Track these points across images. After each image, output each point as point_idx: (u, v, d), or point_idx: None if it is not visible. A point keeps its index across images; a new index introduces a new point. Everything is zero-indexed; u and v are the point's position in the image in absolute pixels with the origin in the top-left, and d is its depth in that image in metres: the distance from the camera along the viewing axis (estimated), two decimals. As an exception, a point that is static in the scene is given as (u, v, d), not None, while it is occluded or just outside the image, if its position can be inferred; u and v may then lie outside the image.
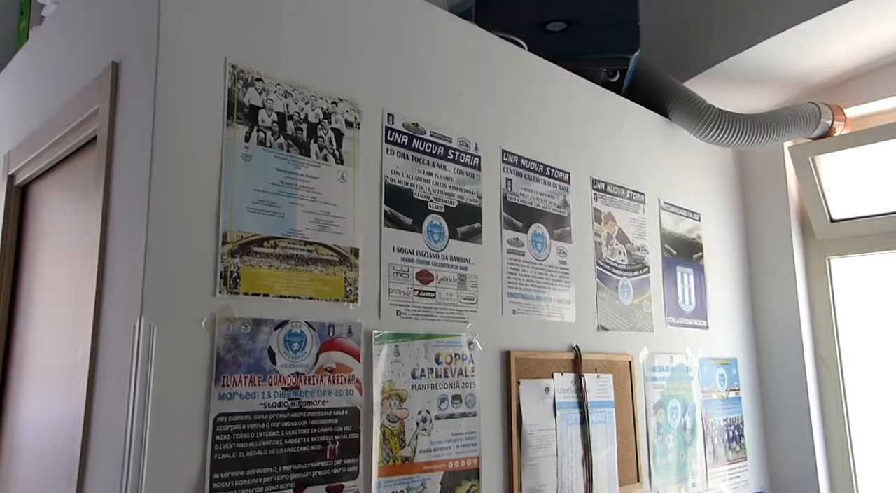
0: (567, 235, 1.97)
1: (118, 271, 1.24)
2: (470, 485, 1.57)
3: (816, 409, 2.55)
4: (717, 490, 2.31)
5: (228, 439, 1.18)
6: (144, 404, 1.10)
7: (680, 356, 2.28)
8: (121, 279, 1.22)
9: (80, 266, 1.42)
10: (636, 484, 2.01)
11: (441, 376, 1.56)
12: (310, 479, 1.28)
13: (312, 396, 1.31)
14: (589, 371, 1.92)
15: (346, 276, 1.42)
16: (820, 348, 2.59)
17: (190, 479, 1.13)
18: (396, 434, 1.45)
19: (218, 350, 1.19)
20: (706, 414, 2.33)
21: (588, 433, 1.86)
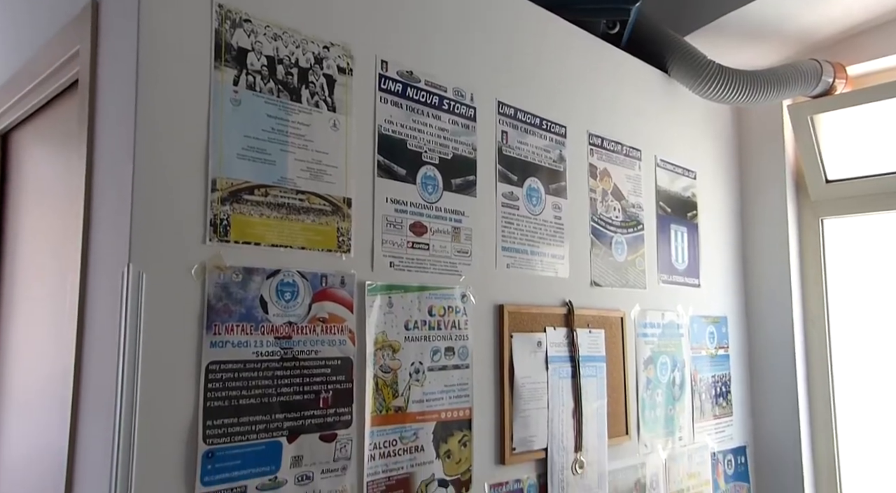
0: (562, 191, 1.95)
1: (104, 219, 1.21)
2: (462, 435, 1.58)
3: (802, 368, 2.58)
4: (703, 444, 2.35)
5: (221, 387, 1.17)
6: (135, 352, 1.09)
7: (671, 314, 2.29)
8: (107, 226, 1.19)
9: (66, 214, 1.39)
10: (625, 437, 2.04)
11: (434, 329, 1.56)
12: (303, 427, 1.28)
13: (305, 345, 1.30)
14: (581, 326, 1.93)
15: (338, 226, 1.39)
16: (809, 308, 2.61)
17: (183, 426, 1.13)
18: (389, 385, 1.45)
19: (209, 298, 1.17)
20: (695, 370, 2.35)
21: (579, 386, 1.88)
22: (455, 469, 1.56)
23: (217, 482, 1.15)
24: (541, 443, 1.76)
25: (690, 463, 2.28)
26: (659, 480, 2.14)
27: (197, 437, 1.14)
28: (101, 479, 1.09)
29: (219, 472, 1.15)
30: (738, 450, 2.52)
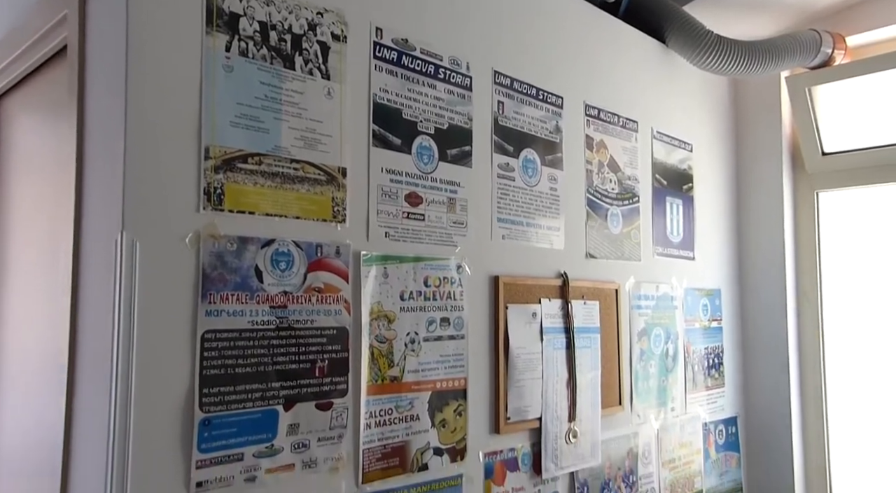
0: (558, 162, 1.94)
1: (97, 186, 1.20)
2: (457, 404, 1.60)
3: (794, 340, 2.60)
4: (695, 414, 2.38)
5: (217, 355, 1.17)
6: (130, 320, 1.08)
7: (665, 286, 2.29)
8: (100, 195, 1.18)
9: (57, 183, 1.37)
10: (618, 407, 2.06)
11: (429, 299, 1.56)
12: (299, 395, 1.28)
13: (300, 315, 1.30)
14: (576, 298, 1.93)
15: (333, 196, 1.39)
16: (802, 281, 2.63)
17: (179, 394, 1.13)
18: (385, 354, 1.46)
19: (203, 267, 1.17)
20: (688, 342, 2.37)
21: (573, 357, 1.89)
22: (450, 438, 1.58)
23: (214, 449, 1.16)
24: (535, 413, 1.78)
25: (682, 433, 2.31)
26: (651, 449, 2.17)
27: (193, 405, 1.14)
28: (99, 447, 1.09)
29: (215, 439, 1.16)
30: (729, 421, 2.56)
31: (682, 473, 2.29)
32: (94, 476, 1.10)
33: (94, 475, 1.10)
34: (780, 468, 2.54)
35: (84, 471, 1.16)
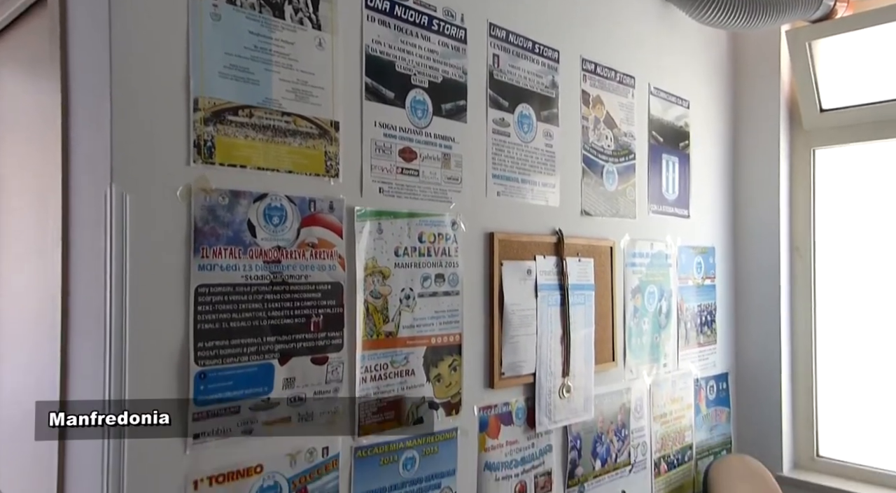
0: (554, 118, 1.91)
1: (83, 139, 1.17)
2: (452, 359, 1.61)
3: (786, 297, 2.62)
4: (687, 371, 2.41)
5: (210, 309, 1.17)
6: (122, 274, 1.08)
7: (660, 244, 2.29)
8: (87, 148, 1.16)
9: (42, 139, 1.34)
10: (611, 363, 2.08)
11: (424, 255, 1.55)
12: (294, 350, 1.29)
13: (294, 270, 1.29)
14: (571, 255, 1.93)
15: (326, 150, 1.36)
16: (796, 238, 2.63)
17: (174, 348, 1.13)
18: (380, 310, 1.46)
19: (195, 221, 1.15)
20: (681, 300, 2.38)
21: (567, 314, 1.90)
22: (445, 392, 1.59)
23: (210, 402, 1.16)
24: (529, 368, 1.80)
25: (674, 389, 2.35)
26: (643, 404, 2.20)
27: (188, 358, 1.14)
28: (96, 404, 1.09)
29: (212, 392, 1.16)
30: (720, 377, 2.59)
31: (673, 427, 2.33)
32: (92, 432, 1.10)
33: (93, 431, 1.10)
34: (769, 422, 2.59)
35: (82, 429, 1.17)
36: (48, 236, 1.26)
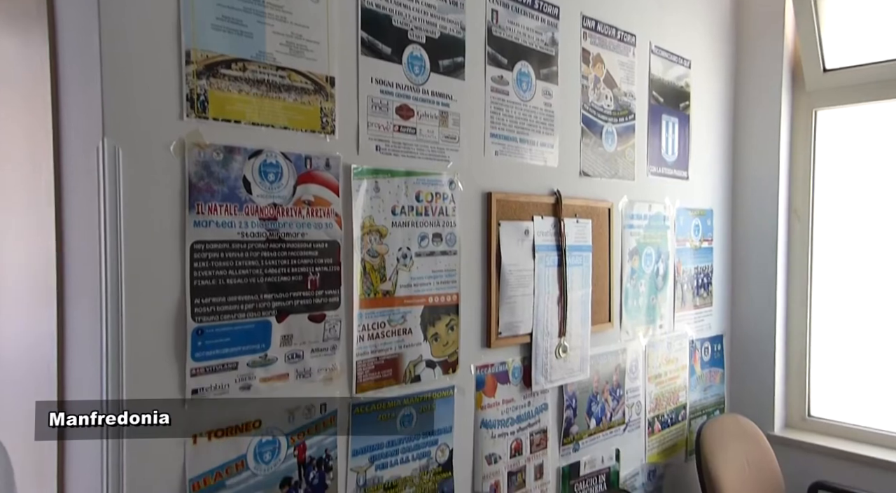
0: (553, 76, 1.88)
1: (74, 93, 1.15)
2: (449, 319, 1.61)
3: (783, 260, 2.62)
4: (682, 332, 2.43)
5: (207, 266, 1.16)
6: (116, 229, 1.07)
7: (658, 205, 2.29)
8: (77, 102, 1.14)
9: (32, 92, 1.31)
10: (608, 324, 2.09)
11: (421, 215, 1.54)
12: (292, 307, 1.29)
13: (291, 227, 1.28)
14: (568, 216, 1.92)
15: (321, 106, 1.34)
16: (795, 201, 2.62)
17: (170, 305, 1.13)
18: (377, 269, 1.45)
19: (190, 177, 1.14)
20: (678, 262, 2.39)
21: (565, 274, 1.90)
22: (442, 351, 1.60)
23: (208, 358, 1.17)
24: (526, 328, 1.81)
25: (669, 350, 2.37)
26: (638, 365, 2.23)
27: (185, 315, 1.14)
28: (93, 356, 1.09)
29: (209, 348, 1.16)
30: (715, 338, 2.61)
31: (667, 387, 2.36)
32: (89, 384, 1.11)
33: (90, 383, 1.10)
34: (762, 383, 2.62)
35: (80, 381, 1.17)
36: (41, 190, 1.24)
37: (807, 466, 2.44)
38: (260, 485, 1.25)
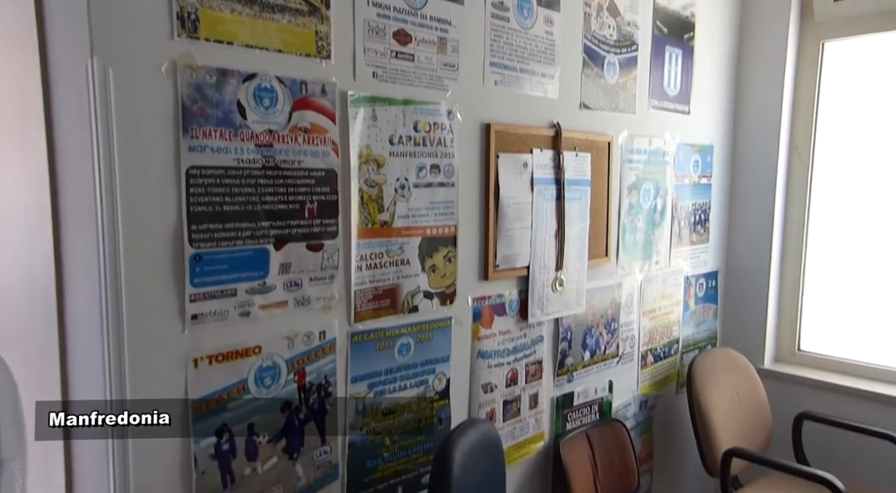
0: (555, 3, 1.82)
1: (60, 11, 1.10)
2: (447, 251, 1.61)
3: (781, 198, 2.62)
4: (678, 268, 2.45)
5: (203, 192, 1.15)
6: (109, 153, 1.05)
7: (658, 140, 2.26)
8: (64, 20, 1.09)
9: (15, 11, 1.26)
10: (604, 258, 2.10)
11: (419, 145, 1.52)
12: (289, 236, 1.28)
13: (287, 155, 1.26)
14: (568, 149, 1.90)
15: (317, 29, 1.30)
16: (796, 137, 2.60)
17: (167, 231, 1.12)
18: (375, 199, 1.44)
19: (182, 99, 1.11)
20: (676, 198, 2.38)
21: (563, 208, 1.89)
22: (440, 283, 1.61)
23: (207, 284, 1.17)
24: (523, 261, 1.81)
25: (664, 285, 2.39)
26: (633, 300, 2.25)
27: (183, 241, 1.13)
28: (91, 282, 1.09)
29: (208, 275, 1.17)
30: (710, 275, 2.63)
31: (661, 322, 2.40)
32: (89, 312, 1.11)
33: (89, 310, 1.11)
34: (754, 319, 2.66)
35: (79, 308, 1.18)
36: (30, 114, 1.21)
37: (794, 398, 2.51)
38: (261, 409, 1.27)
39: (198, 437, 1.18)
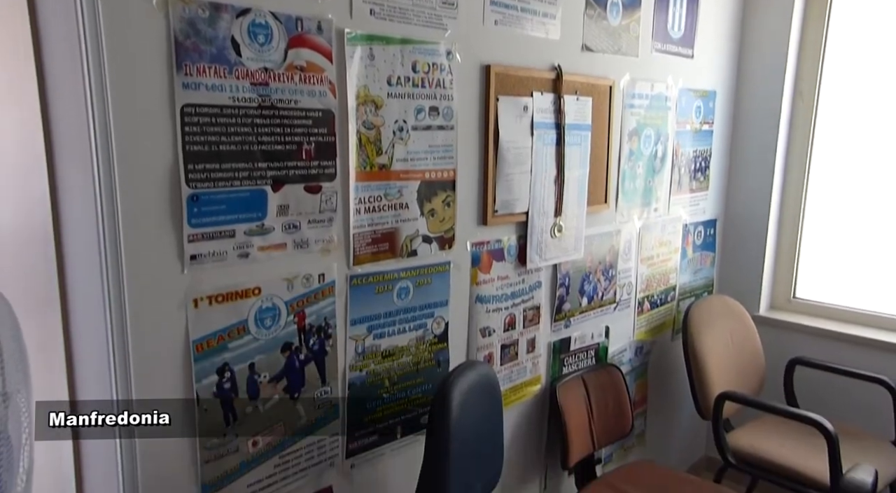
0: (558, -61, 1.76)
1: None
2: (445, 195, 1.60)
3: (783, 144, 2.59)
4: (677, 216, 2.44)
5: (199, 131, 1.13)
6: (102, 88, 1.02)
7: (661, 85, 2.22)
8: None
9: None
10: (603, 205, 2.09)
11: (418, 86, 1.49)
12: (287, 177, 1.27)
13: (283, 94, 1.24)
14: (569, 92, 1.87)
15: (311, -38, 1.25)
16: (801, 81, 2.55)
17: (164, 170, 1.11)
18: (373, 141, 1.42)
19: (175, 35, 1.08)
20: (677, 144, 2.36)
21: (563, 153, 1.88)
22: (439, 227, 1.61)
23: (205, 225, 1.16)
24: (522, 206, 1.80)
25: (663, 233, 2.39)
26: (632, 246, 2.25)
27: (179, 181, 1.12)
28: (88, 222, 1.08)
29: (205, 215, 1.16)
30: (709, 222, 2.63)
31: (658, 269, 2.41)
32: (87, 251, 1.11)
33: (88, 249, 1.10)
34: (751, 267, 2.68)
35: (77, 248, 1.17)
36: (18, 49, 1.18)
37: (788, 344, 2.54)
38: (261, 349, 1.29)
39: (200, 376, 1.20)
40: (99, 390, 1.13)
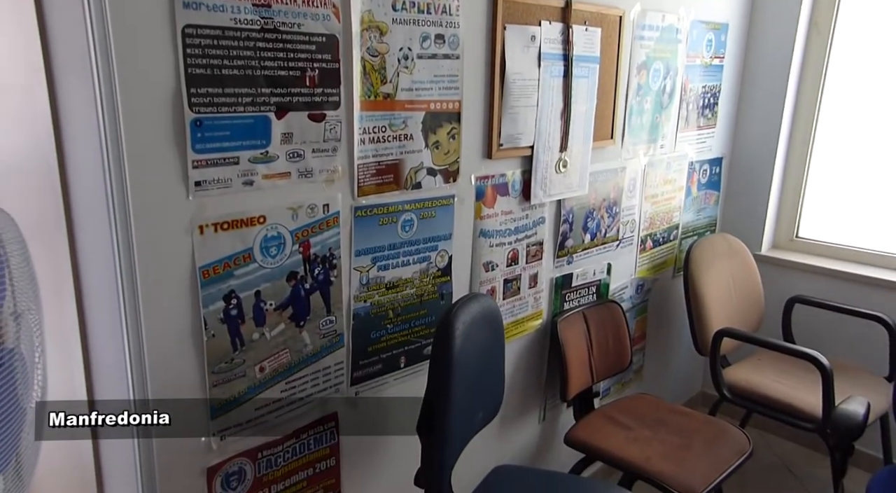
0: None
1: None
2: (451, 127, 1.58)
3: (795, 80, 2.54)
4: (683, 153, 2.42)
5: (200, 54, 1.11)
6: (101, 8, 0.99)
7: (672, 16, 2.16)
8: None
9: None
10: (609, 141, 2.07)
11: (423, 12, 1.45)
12: (291, 104, 1.25)
13: (286, 17, 1.21)
14: (578, 23, 1.81)
15: None
16: (818, 12, 2.47)
17: (166, 93, 1.09)
18: (377, 69, 1.39)
19: (172, -50, 1.04)
20: (686, 79, 2.31)
21: (570, 86, 1.84)
22: (443, 160, 1.59)
23: (209, 150, 1.15)
24: (527, 140, 1.78)
25: (668, 170, 2.37)
26: (636, 184, 2.24)
27: (182, 105, 1.10)
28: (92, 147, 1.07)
29: (209, 141, 1.15)
30: (714, 161, 2.61)
31: (662, 207, 2.40)
32: (92, 175, 1.10)
33: (93, 174, 1.10)
34: (755, 206, 2.67)
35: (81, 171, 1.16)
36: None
37: (788, 282, 2.56)
38: (267, 277, 1.30)
39: (207, 302, 1.21)
40: (108, 315, 1.15)
